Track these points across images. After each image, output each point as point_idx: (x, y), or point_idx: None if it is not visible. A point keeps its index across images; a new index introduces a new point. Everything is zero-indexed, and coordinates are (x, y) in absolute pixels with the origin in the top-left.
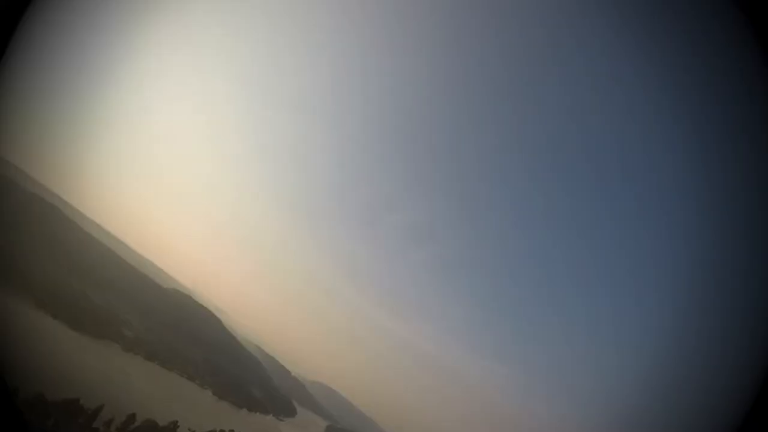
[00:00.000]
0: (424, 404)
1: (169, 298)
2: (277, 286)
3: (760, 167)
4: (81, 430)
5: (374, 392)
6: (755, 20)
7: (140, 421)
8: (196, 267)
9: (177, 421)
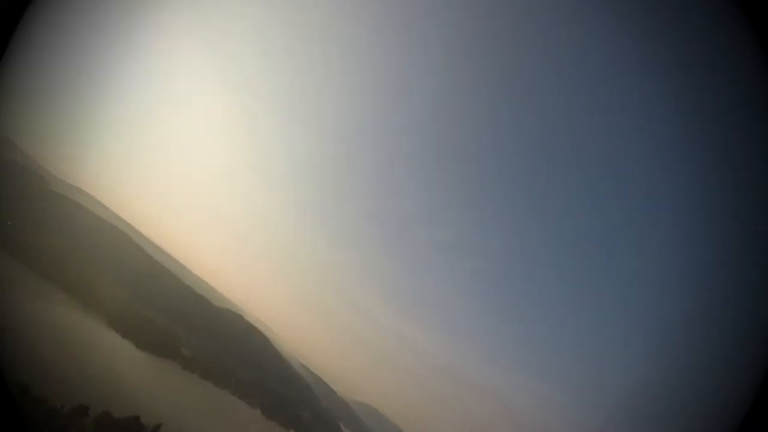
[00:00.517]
0: (466, 426)
1: (222, 318)
2: (323, 308)
3: (759, 167)
4: None
5: (419, 414)
6: (755, 20)
7: None
8: (244, 287)
9: None
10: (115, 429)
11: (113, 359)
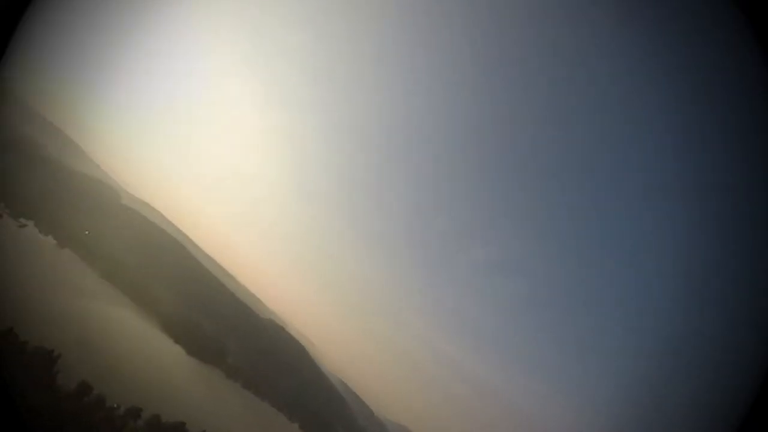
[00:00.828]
0: None
1: (265, 327)
2: (365, 325)
3: (759, 167)
4: None
5: None
6: (755, 20)
7: None
8: (288, 299)
9: None
10: None
11: (165, 363)
